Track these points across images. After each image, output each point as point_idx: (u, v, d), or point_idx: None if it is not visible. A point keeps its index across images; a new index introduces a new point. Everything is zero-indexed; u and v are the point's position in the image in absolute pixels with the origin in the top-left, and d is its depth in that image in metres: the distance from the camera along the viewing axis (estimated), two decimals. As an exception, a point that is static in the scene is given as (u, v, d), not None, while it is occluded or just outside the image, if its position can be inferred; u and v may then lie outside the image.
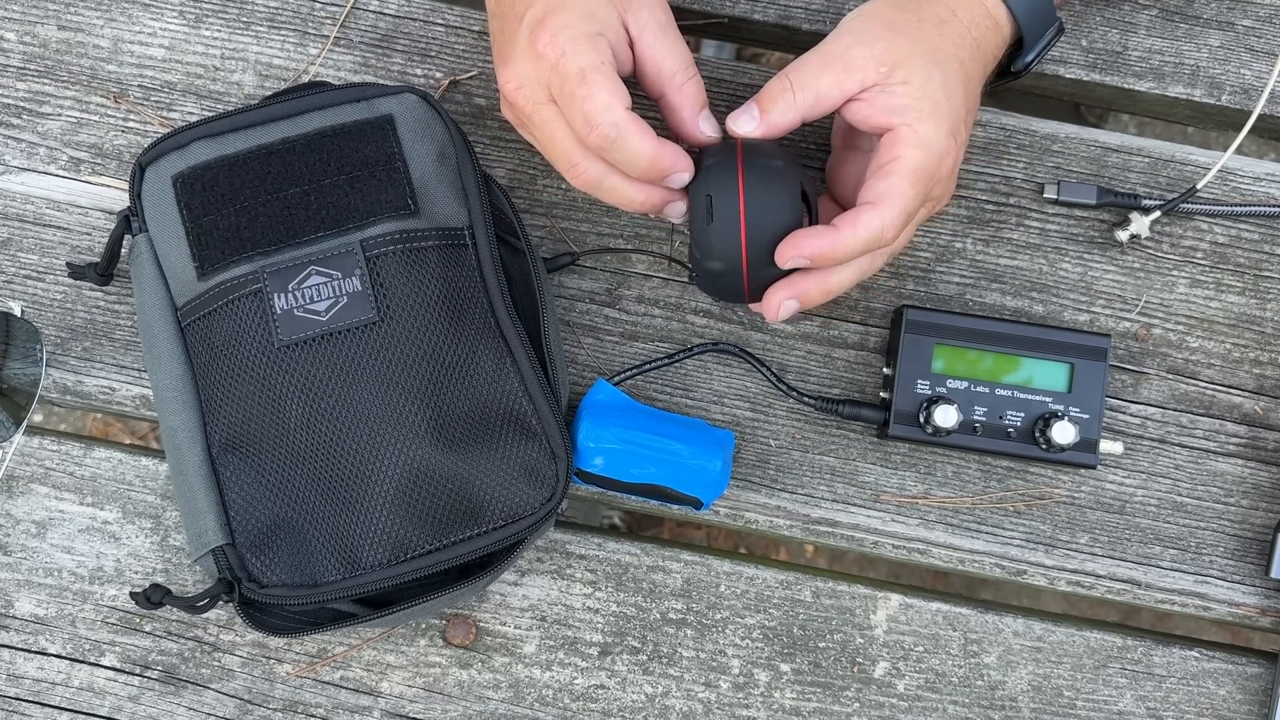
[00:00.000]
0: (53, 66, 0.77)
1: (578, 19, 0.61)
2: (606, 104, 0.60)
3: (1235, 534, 0.75)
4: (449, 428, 0.67)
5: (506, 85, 0.63)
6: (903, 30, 0.63)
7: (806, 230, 0.62)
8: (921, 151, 0.62)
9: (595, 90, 0.60)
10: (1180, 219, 0.76)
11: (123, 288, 0.76)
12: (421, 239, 0.68)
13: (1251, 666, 0.75)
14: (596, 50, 0.60)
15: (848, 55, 0.62)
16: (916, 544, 0.75)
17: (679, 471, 0.70)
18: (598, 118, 0.60)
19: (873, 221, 0.61)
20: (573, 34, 0.60)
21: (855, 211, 0.62)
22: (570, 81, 0.60)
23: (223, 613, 0.74)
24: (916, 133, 0.62)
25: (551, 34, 0.60)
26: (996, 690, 0.74)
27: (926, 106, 0.62)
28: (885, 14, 0.64)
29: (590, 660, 0.74)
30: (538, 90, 0.62)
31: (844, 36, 0.64)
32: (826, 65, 0.63)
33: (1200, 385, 0.76)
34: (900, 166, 0.62)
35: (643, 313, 0.76)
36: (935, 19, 0.64)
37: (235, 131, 0.69)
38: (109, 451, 0.76)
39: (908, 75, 0.62)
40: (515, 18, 0.62)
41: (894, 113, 0.62)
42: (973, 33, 0.65)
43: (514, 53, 0.62)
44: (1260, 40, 0.78)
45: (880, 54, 0.62)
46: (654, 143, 0.62)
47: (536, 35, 0.61)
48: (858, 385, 0.76)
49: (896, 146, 0.62)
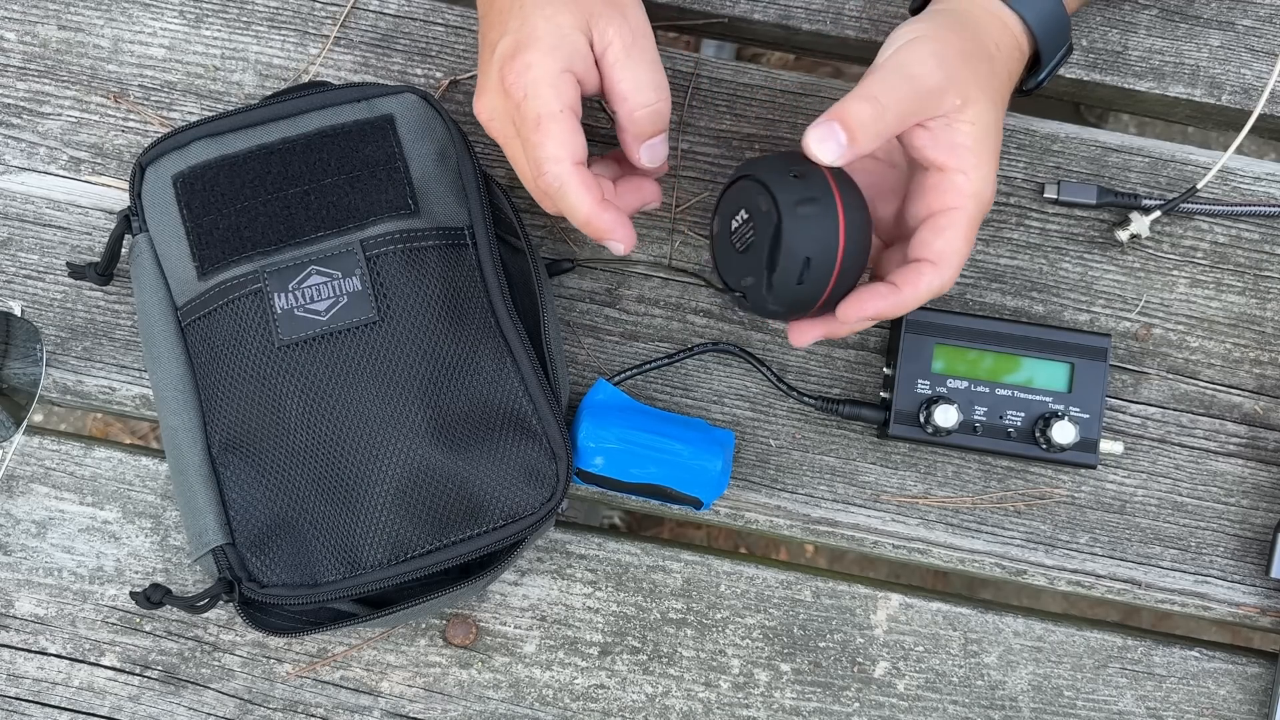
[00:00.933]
0: (53, 66, 0.77)
1: (544, 54, 0.60)
2: (554, 155, 0.60)
3: (1235, 534, 0.75)
4: (449, 427, 0.67)
5: (480, 114, 0.63)
6: (973, 62, 0.62)
7: (871, 290, 0.62)
8: (975, 201, 0.61)
9: (546, 140, 0.60)
10: (1180, 219, 0.76)
11: (123, 287, 0.76)
12: (422, 239, 0.68)
13: (1251, 666, 0.75)
14: (558, 94, 0.60)
15: (932, 81, 0.60)
16: (917, 544, 0.75)
17: (679, 471, 0.70)
18: (544, 167, 0.60)
19: (934, 282, 0.61)
20: (535, 76, 0.60)
21: (917, 271, 0.61)
22: (527, 126, 0.60)
23: (223, 612, 0.74)
24: (971, 181, 0.61)
25: (517, 73, 0.60)
26: (997, 690, 0.74)
27: (983, 150, 0.61)
28: (956, 41, 0.62)
29: (590, 660, 0.74)
30: (506, 125, 0.62)
31: (925, 60, 0.60)
32: (915, 93, 0.60)
33: (1200, 385, 0.76)
34: (957, 220, 0.61)
35: (643, 312, 0.76)
36: (989, 55, 0.63)
37: (235, 131, 0.69)
38: (109, 451, 0.76)
39: (976, 115, 0.61)
40: (489, 46, 0.63)
41: (954, 152, 0.61)
42: (1009, 67, 0.65)
43: (487, 83, 0.62)
44: (1260, 40, 0.78)
45: (959, 86, 0.60)
46: (592, 205, 0.61)
47: (505, 71, 0.61)
48: (858, 385, 0.76)
49: (952, 195, 0.61)
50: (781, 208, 0.60)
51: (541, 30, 0.60)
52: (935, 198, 0.62)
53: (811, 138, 0.59)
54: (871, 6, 0.77)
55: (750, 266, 0.63)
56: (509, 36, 0.61)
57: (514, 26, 0.61)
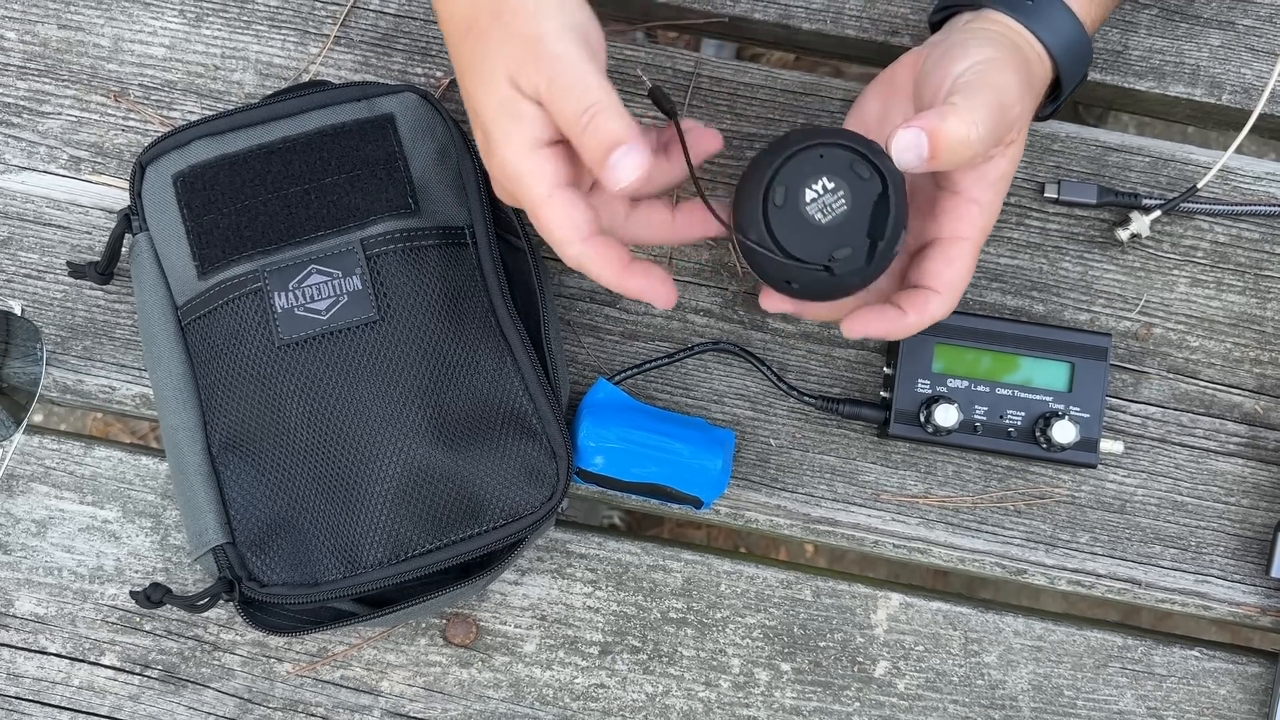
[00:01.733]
0: (53, 65, 0.77)
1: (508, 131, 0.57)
2: (564, 239, 0.57)
3: (1235, 533, 0.75)
4: (449, 427, 0.67)
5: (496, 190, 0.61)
6: (1028, 98, 0.60)
7: (879, 312, 0.62)
8: (983, 233, 0.61)
9: (550, 227, 0.57)
10: (1181, 218, 0.76)
11: (123, 287, 0.76)
12: (422, 238, 0.68)
13: (1252, 666, 0.75)
14: (539, 176, 0.57)
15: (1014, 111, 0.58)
16: (917, 543, 0.75)
17: (679, 471, 0.70)
18: (563, 250, 0.58)
19: (939, 311, 0.62)
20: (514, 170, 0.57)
21: (925, 299, 0.61)
22: (532, 211, 0.58)
23: (223, 612, 0.74)
24: (984, 213, 0.61)
25: (500, 164, 0.58)
26: (997, 690, 0.74)
27: (1003, 184, 0.61)
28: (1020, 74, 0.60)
29: (590, 659, 0.74)
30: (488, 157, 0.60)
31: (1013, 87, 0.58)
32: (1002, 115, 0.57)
33: (1200, 385, 0.76)
34: (967, 251, 0.61)
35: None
36: (1033, 90, 0.62)
37: (236, 130, 0.69)
38: (109, 451, 0.76)
39: (1016, 152, 0.60)
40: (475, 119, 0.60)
41: (980, 183, 0.60)
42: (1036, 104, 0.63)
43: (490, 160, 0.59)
44: (1260, 40, 0.77)
45: (1022, 119, 0.59)
46: (615, 275, 0.58)
47: (490, 159, 0.59)
48: (858, 384, 0.76)
49: (966, 224, 0.61)
50: (887, 175, 0.58)
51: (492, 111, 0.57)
52: (948, 223, 0.61)
53: (897, 142, 0.57)
54: (871, 6, 0.77)
55: (844, 237, 0.59)
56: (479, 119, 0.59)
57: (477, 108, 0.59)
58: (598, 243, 0.58)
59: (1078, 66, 0.64)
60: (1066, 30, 0.63)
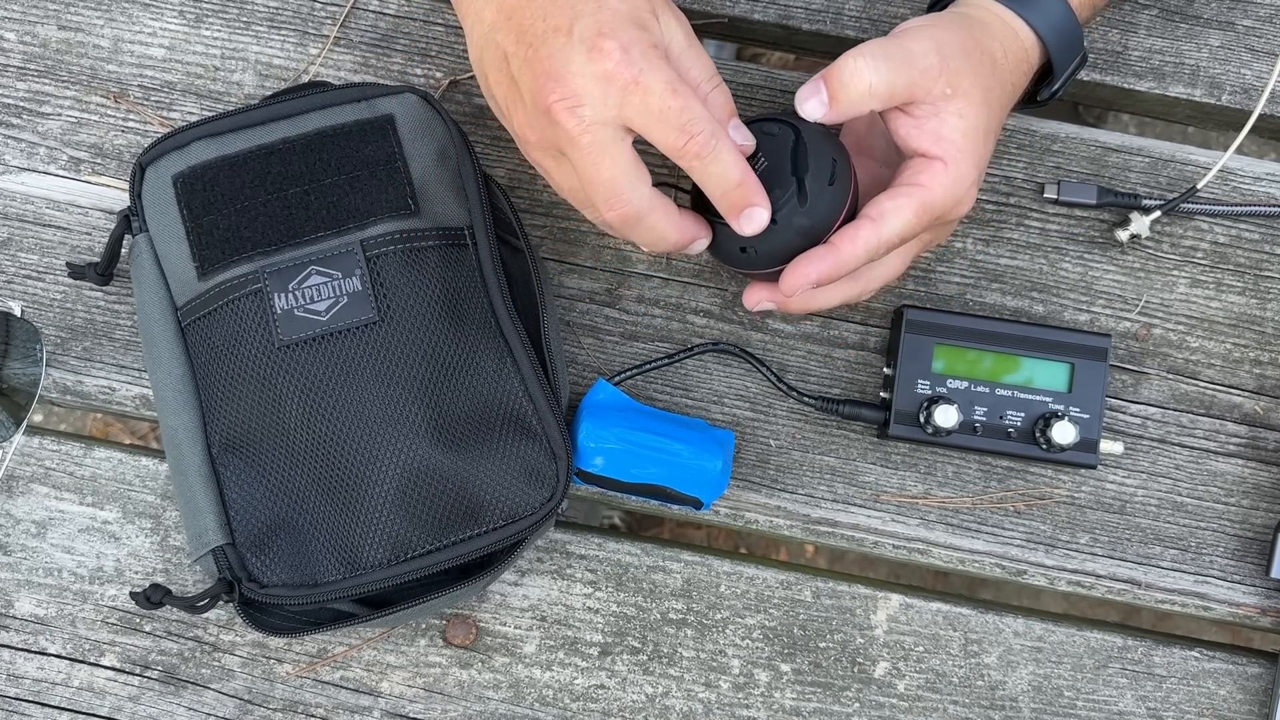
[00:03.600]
0: (53, 66, 0.77)
1: (637, 31, 0.57)
2: (703, 113, 0.57)
3: (1235, 534, 0.75)
4: (449, 427, 0.67)
5: (560, 103, 0.57)
6: (974, 59, 0.61)
7: (806, 256, 0.61)
8: (943, 192, 0.61)
9: (690, 100, 0.57)
10: (1180, 219, 0.76)
11: (123, 288, 0.76)
12: (422, 239, 0.68)
13: (1252, 666, 0.75)
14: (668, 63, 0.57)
15: (925, 62, 0.60)
16: (917, 544, 0.75)
17: (679, 471, 0.70)
18: (696, 126, 0.57)
19: (869, 240, 0.61)
20: (643, 49, 0.57)
21: (854, 227, 0.61)
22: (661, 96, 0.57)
23: (223, 613, 0.74)
24: (948, 171, 0.61)
25: (622, 49, 0.56)
26: (997, 690, 0.74)
27: (968, 146, 0.61)
28: (959, 37, 0.62)
29: (590, 660, 0.74)
30: (603, 109, 0.57)
31: (923, 40, 0.61)
32: (906, 62, 0.60)
33: (1200, 385, 0.76)
34: (917, 195, 0.61)
35: (643, 313, 0.76)
36: (992, 58, 0.63)
37: (235, 131, 0.69)
38: (109, 451, 0.76)
39: (964, 108, 0.61)
40: (557, 31, 0.57)
41: (938, 142, 0.61)
42: (1012, 79, 0.64)
43: (568, 70, 0.57)
44: (1260, 40, 0.78)
45: (952, 74, 0.60)
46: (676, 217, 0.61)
47: (601, 52, 0.56)
48: (858, 385, 0.76)
49: (924, 175, 0.61)
50: (795, 122, 0.61)
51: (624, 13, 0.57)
52: (909, 173, 0.62)
53: (799, 95, 0.61)
54: (871, 6, 0.77)
55: (775, 184, 0.61)
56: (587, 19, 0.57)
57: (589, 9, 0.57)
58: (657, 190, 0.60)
59: (1069, 48, 0.65)
60: (1054, 13, 0.64)
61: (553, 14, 0.58)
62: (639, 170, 0.59)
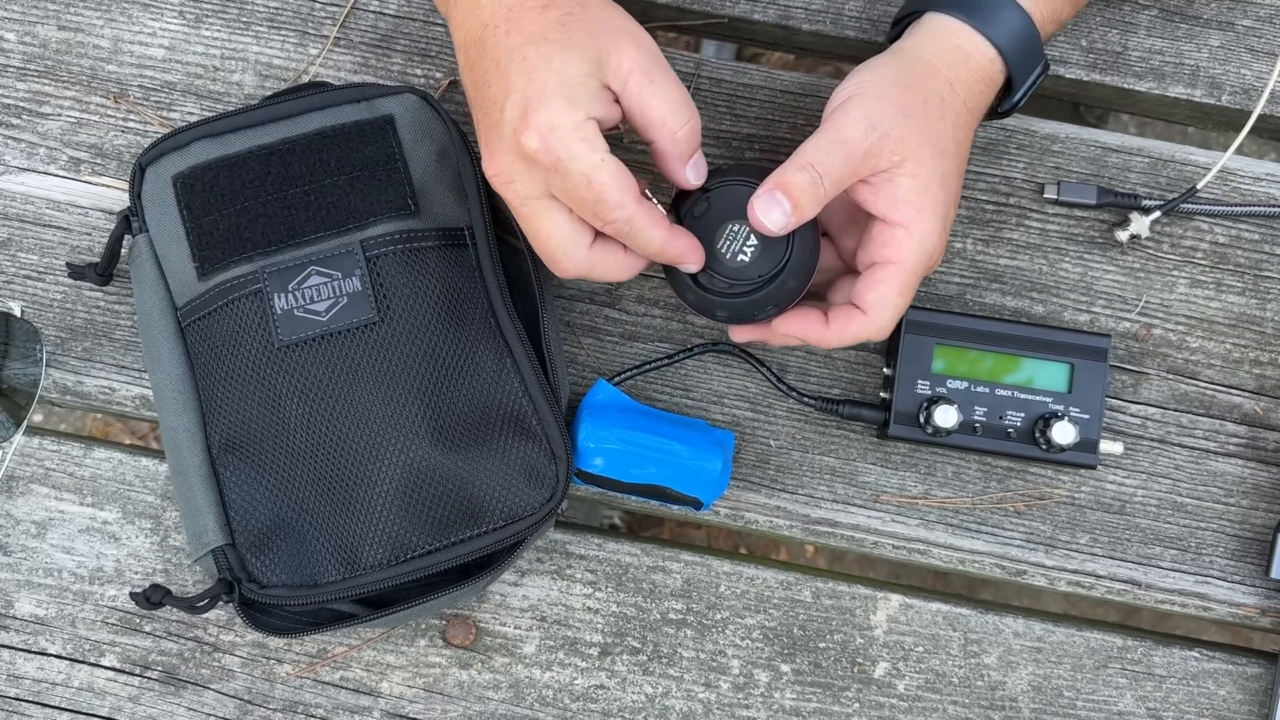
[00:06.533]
0: (53, 66, 0.77)
1: (560, 110, 0.58)
2: (618, 202, 0.59)
3: (1235, 534, 0.75)
4: (449, 428, 0.67)
5: (495, 178, 0.61)
6: (913, 115, 0.62)
7: (806, 315, 0.64)
8: (914, 257, 0.62)
9: (605, 192, 0.58)
10: (1180, 219, 0.76)
11: (123, 288, 0.76)
12: (421, 239, 0.68)
13: (1251, 667, 0.75)
14: (590, 146, 0.58)
15: (864, 145, 0.60)
16: (916, 544, 0.75)
17: (679, 472, 0.70)
18: (610, 214, 0.59)
19: (862, 330, 0.63)
20: (561, 135, 0.57)
21: (849, 316, 0.63)
22: (577, 187, 0.58)
23: (223, 613, 0.74)
24: (912, 235, 0.62)
25: (540, 137, 0.57)
26: (997, 690, 0.74)
27: (927, 204, 0.62)
28: (894, 94, 0.62)
29: (590, 660, 0.74)
30: (531, 186, 0.60)
31: (857, 120, 0.61)
32: (849, 156, 0.60)
33: (1200, 385, 0.76)
34: (893, 275, 0.62)
35: (643, 313, 0.76)
36: (938, 99, 0.63)
37: (235, 132, 0.69)
38: (109, 452, 0.76)
39: (915, 169, 0.61)
40: (493, 105, 0.59)
41: (895, 206, 0.61)
42: (969, 103, 0.64)
43: (500, 147, 0.59)
44: (1260, 40, 0.78)
45: (894, 144, 0.61)
46: (665, 233, 0.61)
47: (523, 136, 0.58)
48: (858, 385, 0.76)
49: (892, 248, 0.62)
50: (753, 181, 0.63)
51: (552, 85, 0.58)
52: (877, 249, 0.63)
53: (757, 206, 0.61)
54: (871, 6, 0.77)
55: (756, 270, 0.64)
56: (516, 95, 0.58)
57: (519, 84, 0.58)
58: (645, 204, 0.60)
59: (1028, 60, 0.65)
60: (1013, 26, 0.64)
61: (493, 82, 0.60)
62: (577, 233, 0.61)
